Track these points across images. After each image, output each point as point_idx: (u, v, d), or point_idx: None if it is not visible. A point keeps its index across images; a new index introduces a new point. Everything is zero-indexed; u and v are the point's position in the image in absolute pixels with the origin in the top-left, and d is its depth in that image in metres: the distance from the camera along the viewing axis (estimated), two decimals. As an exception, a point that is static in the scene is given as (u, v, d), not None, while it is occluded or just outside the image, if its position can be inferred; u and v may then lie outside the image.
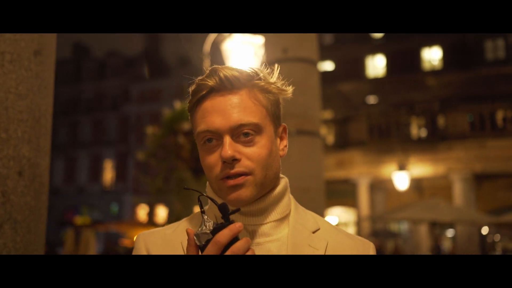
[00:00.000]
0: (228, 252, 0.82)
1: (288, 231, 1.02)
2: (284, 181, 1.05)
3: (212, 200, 0.91)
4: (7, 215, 1.43)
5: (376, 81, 19.90)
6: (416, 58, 19.98)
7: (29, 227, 1.51)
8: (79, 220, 28.15)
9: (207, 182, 1.06)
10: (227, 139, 0.95)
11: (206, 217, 0.86)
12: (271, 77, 1.03)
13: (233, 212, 0.87)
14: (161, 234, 1.06)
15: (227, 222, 0.85)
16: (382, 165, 14.45)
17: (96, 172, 33.09)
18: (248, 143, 0.96)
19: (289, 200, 1.05)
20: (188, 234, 0.86)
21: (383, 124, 15.21)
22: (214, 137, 0.97)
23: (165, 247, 1.01)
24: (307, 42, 3.67)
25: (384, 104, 18.86)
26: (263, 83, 1.00)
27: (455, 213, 10.76)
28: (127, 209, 30.61)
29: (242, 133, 0.96)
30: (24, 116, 1.52)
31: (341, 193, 15.72)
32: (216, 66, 1.00)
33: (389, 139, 14.74)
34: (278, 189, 1.03)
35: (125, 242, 21.95)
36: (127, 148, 31.35)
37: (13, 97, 1.49)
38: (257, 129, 0.97)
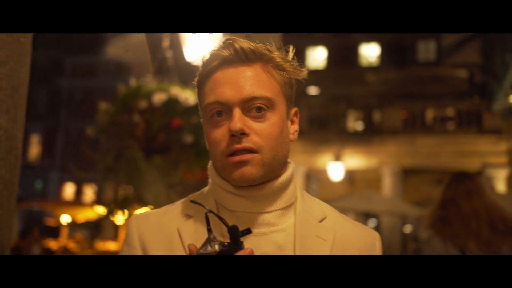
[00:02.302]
0: None
1: (295, 220, 0.95)
2: (291, 166, 0.99)
3: (220, 219, 0.82)
4: (-18, 189, 1.35)
5: (318, 73, 20.33)
6: (354, 54, 20.55)
7: (2, 202, 1.43)
8: (-1, 196, 26.66)
9: (210, 163, 1.01)
10: (237, 112, 0.89)
11: (213, 236, 0.79)
12: (286, 56, 0.98)
13: (244, 234, 0.79)
14: (155, 218, 0.98)
15: (236, 246, 0.78)
16: (319, 155, 14.86)
17: (21, 146, 31.46)
18: (259, 119, 0.91)
19: (295, 187, 0.99)
20: (190, 251, 0.79)
21: (322, 115, 15.64)
22: (224, 110, 0.91)
23: (160, 233, 0.95)
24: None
25: (325, 96, 19.34)
26: (278, 59, 0.95)
27: (386, 204, 11.33)
28: (53, 187, 29.42)
29: (254, 107, 0.90)
30: (3, 84, 1.42)
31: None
32: (232, 37, 0.93)
33: (327, 130, 15.19)
34: (286, 174, 0.96)
35: (50, 222, 21.14)
36: (57, 123, 30.00)
37: (-8, 63, 1.39)
38: (270, 105, 0.92)
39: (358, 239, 0.99)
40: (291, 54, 0.99)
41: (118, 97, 3.89)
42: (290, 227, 0.94)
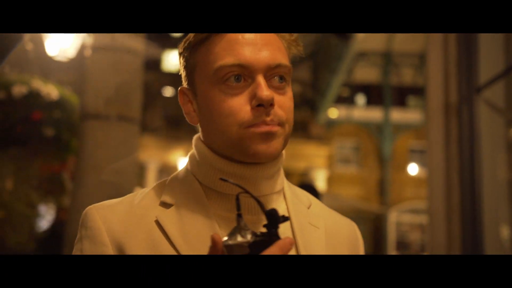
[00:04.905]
0: None
1: (287, 206, 0.81)
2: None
3: (258, 201, 0.61)
4: None
5: (174, 75, 20.20)
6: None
7: None
8: None
9: (196, 139, 0.81)
10: (262, 79, 0.71)
11: (243, 223, 0.60)
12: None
13: (284, 220, 0.60)
14: (123, 208, 0.76)
15: (273, 235, 0.59)
16: (171, 152, 14.85)
17: None
18: (281, 90, 0.74)
19: (282, 171, 0.83)
20: (214, 241, 0.58)
21: (176, 115, 15.64)
22: (242, 75, 0.72)
23: (134, 225, 0.73)
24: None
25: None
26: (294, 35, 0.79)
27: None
28: None
29: (276, 76, 0.73)
30: None
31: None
32: None
33: (180, 129, 15.25)
34: (284, 155, 0.81)
35: None
36: None
37: None
38: (289, 75, 0.76)
39: (344, 227, 0.88)
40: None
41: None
42: (284, 213, 0.75)
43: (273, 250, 0.57)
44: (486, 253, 3.10)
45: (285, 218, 0.60)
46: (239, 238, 0.58)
